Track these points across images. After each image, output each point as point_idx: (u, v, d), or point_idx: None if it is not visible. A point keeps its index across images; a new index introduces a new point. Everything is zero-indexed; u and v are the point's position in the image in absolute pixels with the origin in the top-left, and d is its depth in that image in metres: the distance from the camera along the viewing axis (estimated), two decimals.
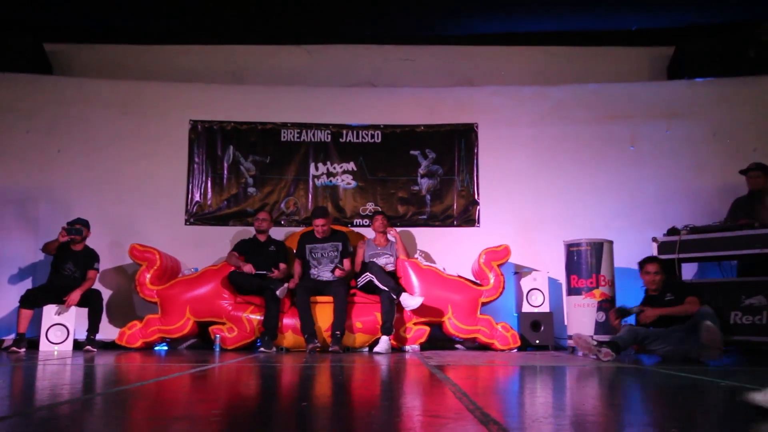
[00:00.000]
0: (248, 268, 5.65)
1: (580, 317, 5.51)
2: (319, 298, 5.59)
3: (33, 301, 5.46)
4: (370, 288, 5.49)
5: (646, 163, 6.72)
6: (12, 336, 5.62)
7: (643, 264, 4.96)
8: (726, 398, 2.57)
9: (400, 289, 5.41)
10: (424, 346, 5.66)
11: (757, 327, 5.04)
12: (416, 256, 6.25)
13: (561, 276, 6.00)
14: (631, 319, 4.97)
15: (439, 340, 5.93)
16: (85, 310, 5.61)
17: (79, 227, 5.69)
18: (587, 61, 7.20)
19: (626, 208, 6.58)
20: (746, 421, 1.94)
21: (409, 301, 5.34)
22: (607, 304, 5.46)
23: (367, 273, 5.50)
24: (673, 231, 5.45)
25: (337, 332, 5.29)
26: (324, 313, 5.51)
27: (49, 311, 5.50)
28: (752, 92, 6.74)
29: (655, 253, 5.44)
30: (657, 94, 6.95)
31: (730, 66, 6.80)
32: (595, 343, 4.66)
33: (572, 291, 5.62)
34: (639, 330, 4.66)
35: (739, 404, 2.35)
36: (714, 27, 6.74)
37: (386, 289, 5.36)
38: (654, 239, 5.52)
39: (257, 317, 5.55)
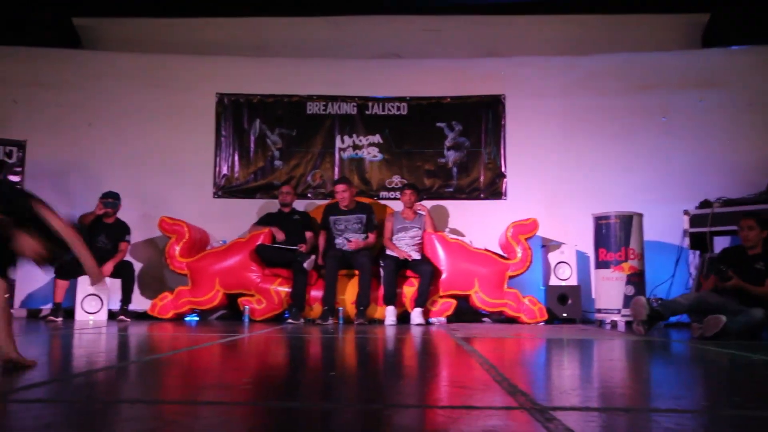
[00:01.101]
0: (280, 235, 5.73)
1: (608, 290, 5.46)
2: (345, 271, 5.62)
3: (68, 271, 5.59)
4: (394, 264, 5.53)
5: (679, 134, 6.56)
6: (49, 306, 5.79)
7: (740, 221, 4.51)
8: (761, 372, 2.54)
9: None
10: (450, 319, 5.68)
11: None
12: (446, 231, 6.21)
13: (589, 249, 5.94)
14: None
15: (465, 312, 5.94)
16: (117, 282, 5.74)
17: (114, 201, 5.80)
18: (618, 30, 7.00)
19: (657, 180, 6.44)
20: None
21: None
22: (636, 278, 5.39)
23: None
24: (705, 204, 5.35)
25: (361, 307, 5.35)
26: (351, 285, 5.56)
27: (84, 282, 5.64)
28: None
29: (686, 226, 5.36)
30: (691, 63, 6.75)
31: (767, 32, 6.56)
32: (644, 317, 4.30)
33: (600, 264, 5.56)
34: (707, 301, 4.27)
35: None
36: None
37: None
38: (685, 212, 5.43)
39: (285, 289, 5.62)
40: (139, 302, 6.10)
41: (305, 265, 5.44)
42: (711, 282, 4.44)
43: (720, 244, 5.74)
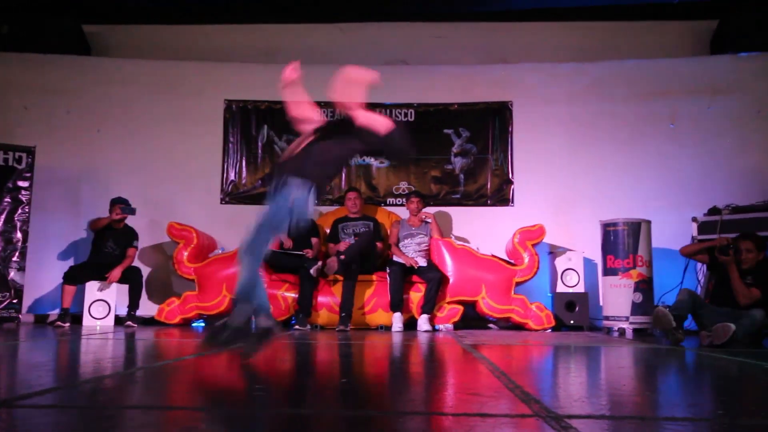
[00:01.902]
0: (288, 242, 5.77)
1: (616, 298, 5.43)
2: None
3: (76, 277, 5.62)
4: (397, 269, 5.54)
5: (687, 141, 6.54)
6: (57, 311, 5.81)
7: (736, 240, 4.63)
8: None
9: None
10: (457, 325, 5.67)
11: None
12: (451, 237, 6.22)
13: (597, 256, 5.91)
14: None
15: (472, 319, 5.92)
16: (125, 287, 5.75)
17: (131, 207, 5.82)
18: (627, 37, 6.99)
19: (665, 187, 6.42)
20: None
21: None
22: (644, 285, 5.37)
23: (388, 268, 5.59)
24: (714, 210, 5.32)
25: (344, 313, 5.36)
26: (359, 293, 5.56)
27: (92, 287, 5.65)
28: None
29: (694, 233, 5.33)
30: (699, 70, 6.73)
31: None
32: (674, 324, 4.25)
33: (608, 271, 5.54)
34: (697, 297, 4.50)
35: None
36: None
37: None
38: (694, 219, 5.40)
39: (292, 295, 5.62)
40: (147, 308, 6.11)
41: (312, 271, 5.45)
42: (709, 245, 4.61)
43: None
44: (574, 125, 6.67)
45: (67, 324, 5.43)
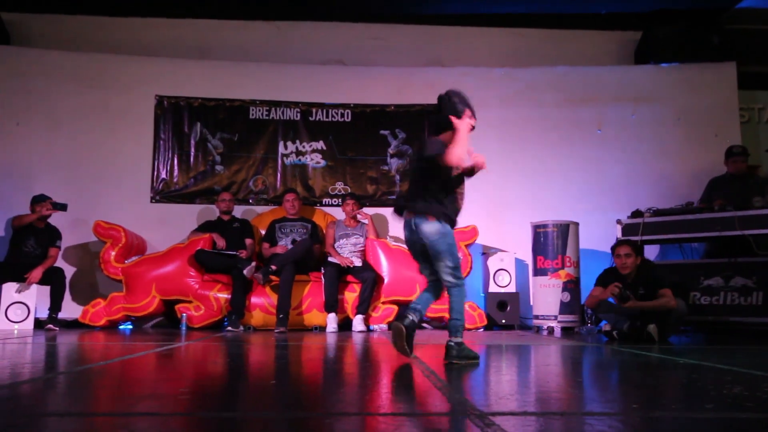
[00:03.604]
0: (221, 242, 5.66)
1: (546, 297, 5.61)
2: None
3: None
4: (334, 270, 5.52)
5: (613, 146, 6.83)
6: None
7: (614, 247, 4.91)
8: (685, 375, 2.65)
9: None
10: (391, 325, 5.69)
11: (715, 307, 5.22)
12: (387, 238, 6.26)
13: (528, 257, 6.08)
14: None
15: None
16: (46, 289, 5.49)
17: (65, 203, 5.55)
18: (556, 44, 7.23)
19: (592, 190, 6.68)
20: (704, 396, 2.01)
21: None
22: (572, 285, 5.56)
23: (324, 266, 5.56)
24: (637, 213, 5.56)
25: (281, 315, 5.27)
26: (296, 293, 5.50)
27: (9, 289, 5.36)
28: (715, 78, 6.87)
29: (619, 235, 5.55)
30: (624, 78, 7.04)
31: (694, 52, 6.93)
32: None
33: (538, 272, 5.71)
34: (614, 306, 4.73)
35: (698, 380, 2.43)
36: (680, 13, 6.83)
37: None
38: (618, 221, 5.62)
39: (224, 296, 5.51)
40: (70, 310, 5.84)
41: (245, 271, 5.36)
42: (600, 291, 4.76)
43: (650, 252, 6.01)
44: (506, 129, 6.84)
45: None
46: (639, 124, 6.86)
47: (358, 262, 5.72)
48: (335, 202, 6.66)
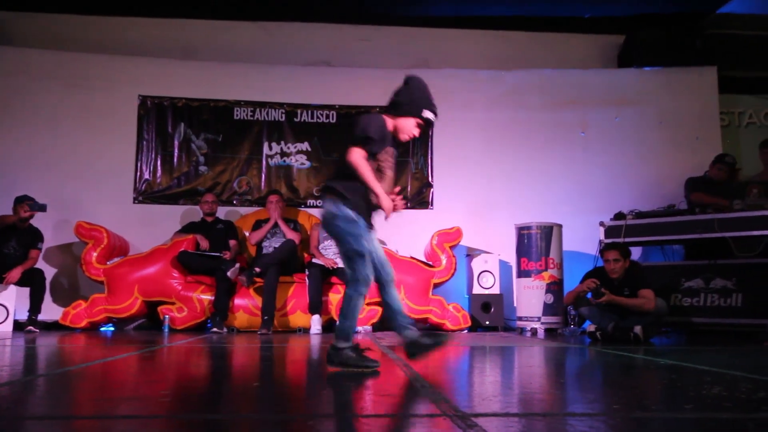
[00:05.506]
0: (204, 243, 5.64)
1: (529, 299, 5.64)
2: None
3: None
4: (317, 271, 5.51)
5: (596, 149, 6.89)
6: None
7: (603, 252, 4.95)
8: (665, 375, 2.68)
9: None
10: (375, 327, 5.70)
11: (695, 308, 5.28)
12: None
13: (512, 258, 6.11)
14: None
15: (391, 320, 5.95)
16: (26, 290, 5.42)
17: (44, 204, 5.48)
18: (541, 47, 7.28)
19: (576, 192, 6.73)
20: (684, 396, 2.03)
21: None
22: (555, 287, 5.59)
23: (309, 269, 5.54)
24: (619, 216, 5.61)
25: (266, 317, 5.26)
26: (280, 295, 5.48)
27: None
28: (697, 82, 6.96)
29: (602, 237, 5.60)
30: (607, 82, 7.11)
31: (677, 56, 7.01)
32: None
33: (522, 273, 5.74)
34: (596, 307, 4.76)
35: (678, 381, 2.46)
36: (663, 17, 6.92)
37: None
38: (601, 223, 5.67)
39: (208, 297, 5.48)
40: (51, 311, 5.77)
41: (229, 273, 5.33)
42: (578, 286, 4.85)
43: (632, 253, 6.04)
44: (491, 131, 6.88)
45: None
46: (622, 127, 6.93)
47: (342, 264, 5.70)
48: (320, 203, 6.63)
